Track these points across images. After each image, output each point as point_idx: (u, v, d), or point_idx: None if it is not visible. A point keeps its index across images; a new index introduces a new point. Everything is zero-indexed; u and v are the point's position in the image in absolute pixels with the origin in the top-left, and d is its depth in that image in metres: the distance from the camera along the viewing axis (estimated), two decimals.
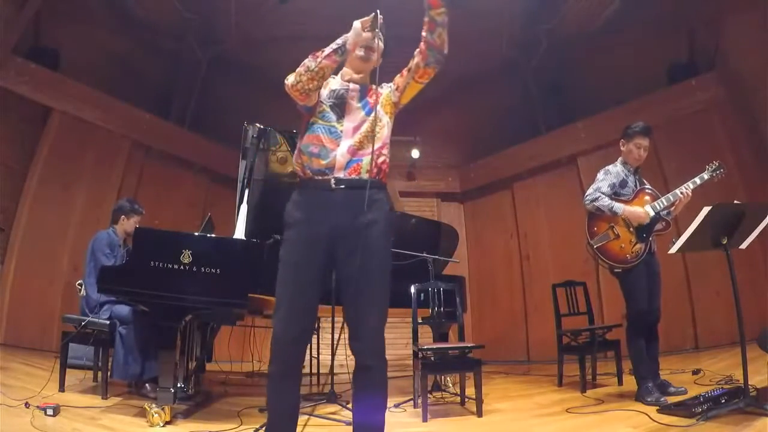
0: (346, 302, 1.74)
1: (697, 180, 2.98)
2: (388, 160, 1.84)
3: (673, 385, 2.94)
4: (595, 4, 5.81)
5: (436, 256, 3.74)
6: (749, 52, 4.59)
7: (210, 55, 6.62)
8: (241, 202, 3.04)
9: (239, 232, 2.95)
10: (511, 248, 6.63)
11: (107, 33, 5.78)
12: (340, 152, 1.75)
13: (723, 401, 2.31)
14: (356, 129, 1.80)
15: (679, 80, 5.25)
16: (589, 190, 3.08)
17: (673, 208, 3.01)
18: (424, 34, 1.74)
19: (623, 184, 3.08)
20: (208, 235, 3.06)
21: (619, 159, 3.17)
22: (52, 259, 4.88)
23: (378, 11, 1.76)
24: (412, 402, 3.20)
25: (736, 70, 4.84)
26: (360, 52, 1.85)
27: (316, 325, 4.23)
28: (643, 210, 2.95)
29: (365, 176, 1.74)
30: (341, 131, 1.79)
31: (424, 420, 2.77)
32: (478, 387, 2.89)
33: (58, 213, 5.00)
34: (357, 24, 1.78)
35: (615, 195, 3.06)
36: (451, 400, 3.43)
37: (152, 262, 2.59)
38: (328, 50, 1.76)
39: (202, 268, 2.59)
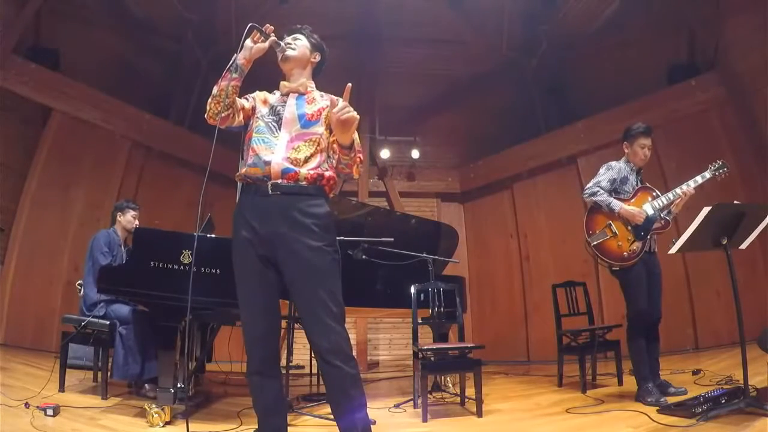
0: (296, 305, 1.80)
1: (699, 179, 2.96)
2: (330, 168, 1.87)
3: (673, 385, 2.94)
4: (595, 4, 5.82)
5: (436, 257, 3.74)
6: (749, 52, 4.59)
7: (210, 56, 6.61)
8: None
9: None
10: (511, 248, 6.63)
11: (107, 33, 5.78)
12: (276, 161, 1.79)
13: (723, 401, 2.30)
14: (293, 140, 1.84)
15: (679, 80, 5.25)
16: (589, 184, 3.09)
17: (673, 206, 2.99)
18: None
19: (624, 180, 3.08)
20: (208, 235, 3.06)
21: (623, 158, 3.16)
22: (52, 259, 4.88)
23: (250, 24, 1.84)
24: (412, 402, 3.20)
25: (736, 70, 4.83)
26: (279, 57, 1.93)
27: None
28: (639, 210, 2.95)
29: (303, 183, 1.78)
30: (276, 142, 1.83)
31: (424, 420, 2.77)
32: (478, 387, 2.88)
33: (58, 213, 5.00)
34: (248, 42, 1.84)
35: (615, 191, 3.06)
36: (451, 400, 3.42)
37: (152, 262, 2.59)
38: (224, 72, 1.82)
39: (202, 269, 2.59)
